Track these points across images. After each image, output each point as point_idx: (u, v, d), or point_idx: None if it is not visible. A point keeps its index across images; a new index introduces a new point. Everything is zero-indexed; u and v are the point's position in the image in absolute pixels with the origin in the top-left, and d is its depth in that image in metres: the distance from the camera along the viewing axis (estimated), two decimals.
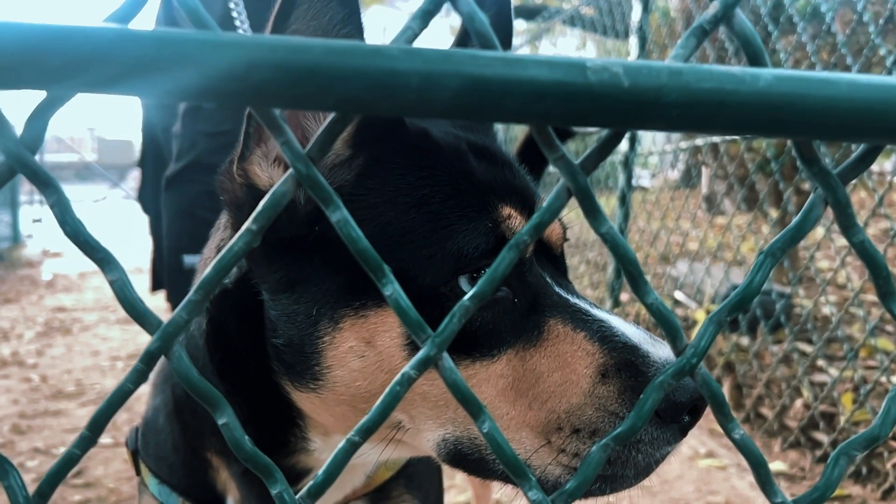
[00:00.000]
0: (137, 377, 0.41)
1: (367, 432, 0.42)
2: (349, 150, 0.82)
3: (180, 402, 0.95)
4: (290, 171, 0.40)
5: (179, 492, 0.97)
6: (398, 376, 0.42)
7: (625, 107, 0.37)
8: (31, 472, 2.61)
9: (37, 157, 0.37)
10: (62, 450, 2.87)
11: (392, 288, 0.42)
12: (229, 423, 0.42)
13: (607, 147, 0.40)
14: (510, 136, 5.50)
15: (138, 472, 1.03)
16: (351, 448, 0.43)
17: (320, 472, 0.43)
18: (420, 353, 0.41)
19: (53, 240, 9.32)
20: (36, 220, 11.05)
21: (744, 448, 0.44)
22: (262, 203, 0.40)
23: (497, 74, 0.36)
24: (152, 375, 1.04)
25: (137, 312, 0.40)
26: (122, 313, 5.40)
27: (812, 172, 0.42)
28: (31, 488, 0.40)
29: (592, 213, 0.41)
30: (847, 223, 0.43)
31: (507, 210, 0.81)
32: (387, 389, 0.42)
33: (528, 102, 0.36)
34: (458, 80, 0.36)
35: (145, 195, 2.44)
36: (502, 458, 0.43)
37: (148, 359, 0.40)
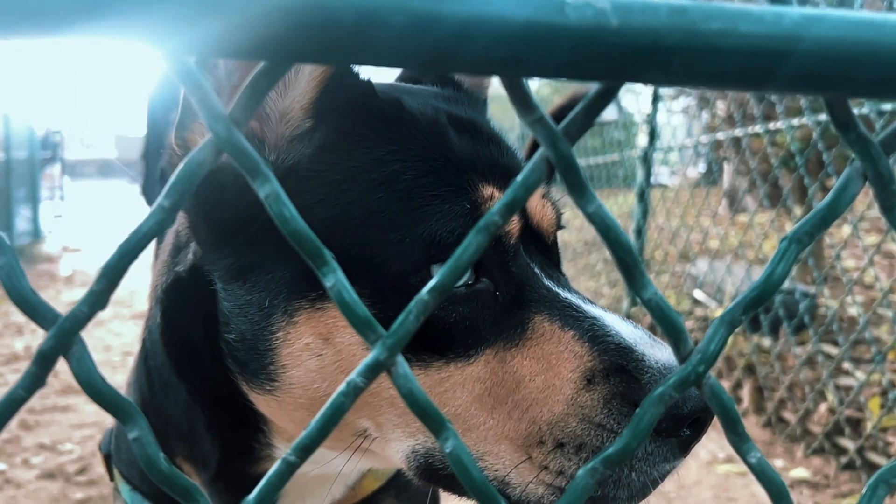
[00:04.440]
0: (31, 382, 0.34)
1: (305, 451, 0.36)
2: (309, 120, 0.74)
3: (146, 403, 0.88)
4: (209, 135, 0.33)
5: (151, 498, 0.90)
6: (343, 385, 0.35)
7: (613, 53, 0.30)
8: (35, 469, 2.57)
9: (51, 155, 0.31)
10: (69, 446, 2.85)
11: (334, 278, 0.35)
12: (141, 437, 0.35)
13: (595, 107, 0.33)
14: (526, 132, 5.42)
15: (112, 478, 0.97)
16: (287, 469, 0.36)
17: (252, 497, 0.36)
18: (369, 357, 0.35)
19: (73, 235, 9.38)
20: (57, 216, 11.16)
21: (761, 475, 0.37)
22: (174, 174, 0.33)
23: (453, 11, 0.29)
24: (127, 375, 0.99)
25: (28, 305, 0.34)
26: (136, 309, 5.40)
27: (848, 140, 0.34)
28: (34, 486, 0.34)
29: (577, 188, 0.34)
30: (889, 202, 0.35)
31: (488, 190, 0.73)
32: (329, 400, 0.35)
33: (492, 47, 0.29)
34: (403, 18, 0.29)
35: (149, 188, 2.39)
36: (469, 483, 0.36)
37: (41, 360, 0.34)
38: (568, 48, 0.30)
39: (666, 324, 0.35)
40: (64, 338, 0.34)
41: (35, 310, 0.34)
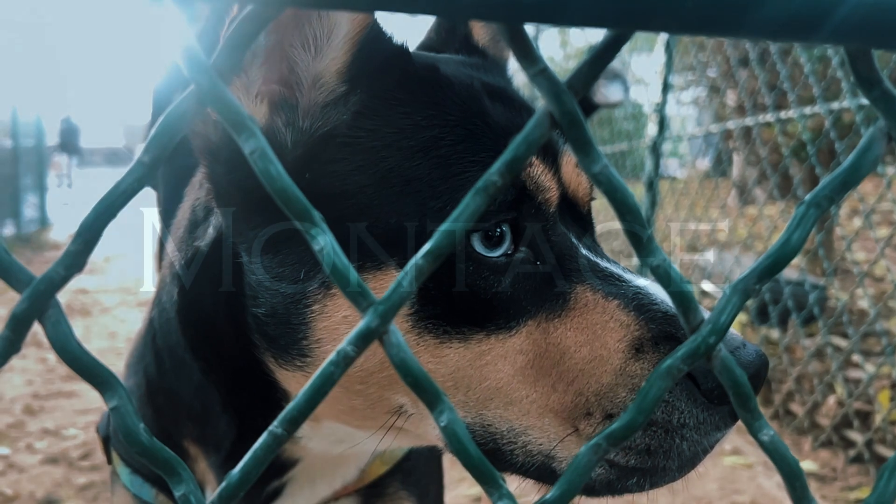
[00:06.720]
0: (5, 347, 0.33)
1: (292, 423, 0.34)
2: (344, 84, 0.71)
3: (153, 384, 0.87)
4: (191, 86, 0.31)
5: (153, 482, 0.89)
6: (333, 354, 0.33)
7: None
8: (39, 454, 2.57)
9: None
10: (73, 431, 2.85)
11: (324, 241, 0.33)
12: (120, 406, 0.34)
13: (603, 58, 0.31)
14: None
15: (110, 461, 0.96)
16: (273, 442, 0.34)
17: (236, 471, 0.34)
18: (360, 325, 0.33)
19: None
20: (64, 204, 11.20)
21: (775, 454, 0.35)
22: (154, 128, 0.31)
23: None
24: (126, 356, 0.97)
25: None
26: (142, 296, 5.40)
27: (872, 97, 0.32)
28: (38, 470, 0.32)
29: (582, 145, 0.32)
30: None
31: None
32: (318, 371, 0.33)
33: None
34: None
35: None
36: (465, 459, 0.34)
37: (15, 324, 0.32)
38: None
39: (675, 292, 0.33)
40: (38, 300, 0.32)
41: (7, 271, 0.32)
